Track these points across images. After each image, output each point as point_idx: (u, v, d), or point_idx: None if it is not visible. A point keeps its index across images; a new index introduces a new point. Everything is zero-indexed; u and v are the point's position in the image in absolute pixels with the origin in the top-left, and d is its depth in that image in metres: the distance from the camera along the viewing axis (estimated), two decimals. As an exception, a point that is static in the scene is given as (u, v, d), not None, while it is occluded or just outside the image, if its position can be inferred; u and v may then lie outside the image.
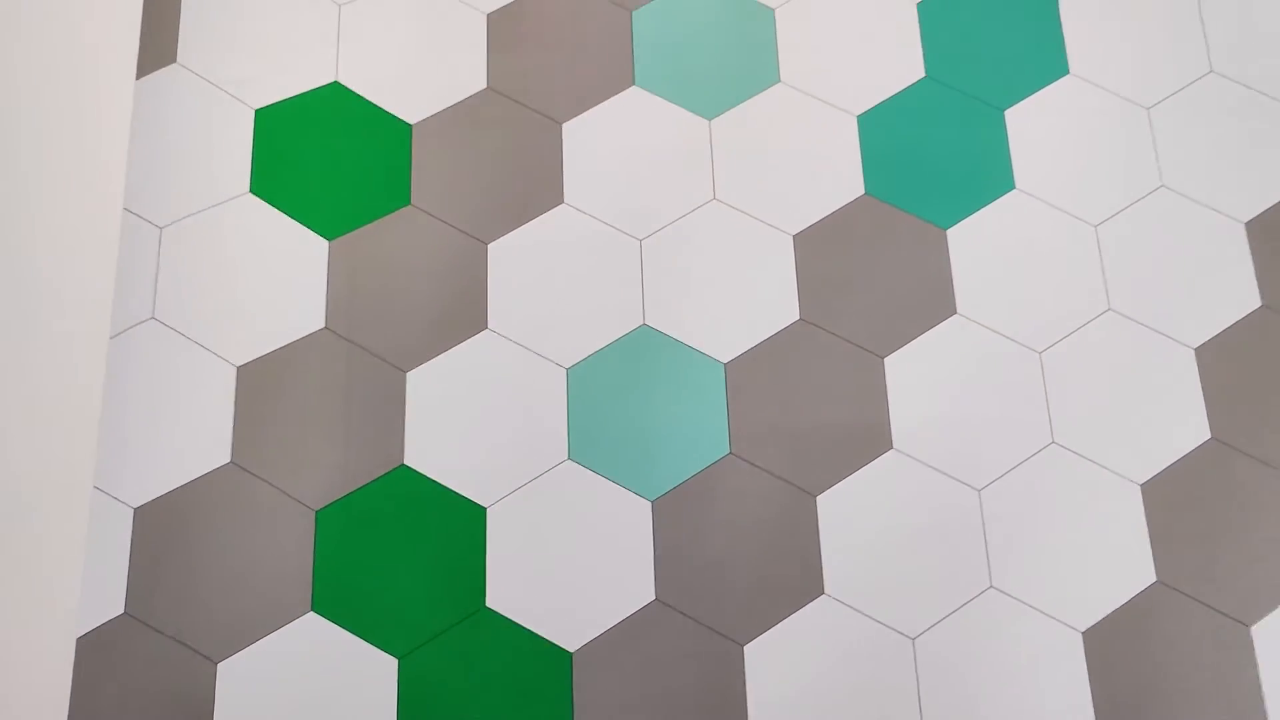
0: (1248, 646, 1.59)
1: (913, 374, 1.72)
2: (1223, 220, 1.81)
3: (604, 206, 1.80)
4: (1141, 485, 1.67)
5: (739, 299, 1.76)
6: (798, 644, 1.59)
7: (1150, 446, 1.69)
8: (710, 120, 1.86)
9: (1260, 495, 1.67)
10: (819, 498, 1.66)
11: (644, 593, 1.61)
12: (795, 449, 1.68)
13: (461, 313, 1.73)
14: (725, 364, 1.72)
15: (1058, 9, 1.94)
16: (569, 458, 1.66)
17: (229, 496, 1.61)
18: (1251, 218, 1.81)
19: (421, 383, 1.69)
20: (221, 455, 1.63)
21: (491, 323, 1.73)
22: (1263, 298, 1.77)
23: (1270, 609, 1.61)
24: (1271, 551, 1.64)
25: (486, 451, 1.66)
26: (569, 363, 1.71)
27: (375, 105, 1.84)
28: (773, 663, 1.58)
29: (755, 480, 1.66)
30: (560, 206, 1.80)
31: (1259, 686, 1.57)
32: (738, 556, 1.63)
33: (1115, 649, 1.59)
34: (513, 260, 1.77)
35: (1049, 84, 1.89)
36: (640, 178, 1.82)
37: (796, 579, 1.62)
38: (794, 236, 1.79)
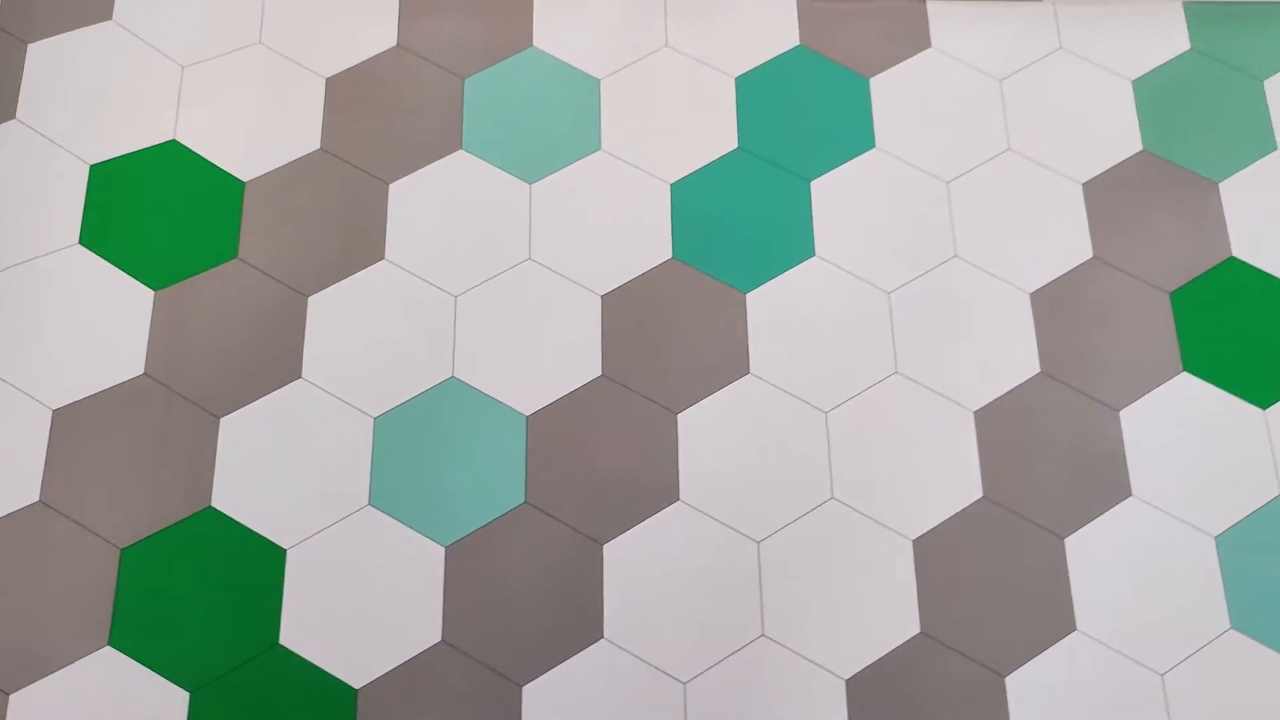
0: (1001, 696, 1.68)
1: (704, 430, 1.81)
2: (1010, 290, 1.91)
3: (423, 263, 1.89)
4: (913, 540, 1.76)
5: (545, 354, 1.84)
6: (574, 686, 1.67)
7: (924, 504, 1.78)
8: (531, 184, 1.95)
9: (1023, 552, 1.75)
10: (605, 546, 1.74)
11: (431, 634, 1.68)
12: (588, 499, 1.76)
13: (277, 362, 1.82)
14: (528, 416, 1.81)
15: (869, 86, 2.04)
16: (369, 503, 1.74)
17: (34, 534, 1.69)
18: (1036, 289, 1.91)
19: (234, 428, 1.77)
20: (30, 494, 1.71)
21: (305, 372, 1.81)
22: (1041, 365, 1.86)
23: (1025, 660, 1.70)
24: (1029, 605, 1.73)
25: (291, 495, 1.74)
26: (377, 412, 1.79)
27: (211, 163, 1.93)
28: (549, 703, 1.66)
29: (547, 528, 1.75)
30: (380, 263, 1.89)
31: (1009, 734, 1.66)
32: (523, 601, 1.71)
33: (875, 696, 1.67)
34: (331, 313, 1.85)
35: (855, 156, 1.99)
36: (460, 237, 1.91)
37: (578, 623, 1.70)
38: (602, 297, 1.88)
